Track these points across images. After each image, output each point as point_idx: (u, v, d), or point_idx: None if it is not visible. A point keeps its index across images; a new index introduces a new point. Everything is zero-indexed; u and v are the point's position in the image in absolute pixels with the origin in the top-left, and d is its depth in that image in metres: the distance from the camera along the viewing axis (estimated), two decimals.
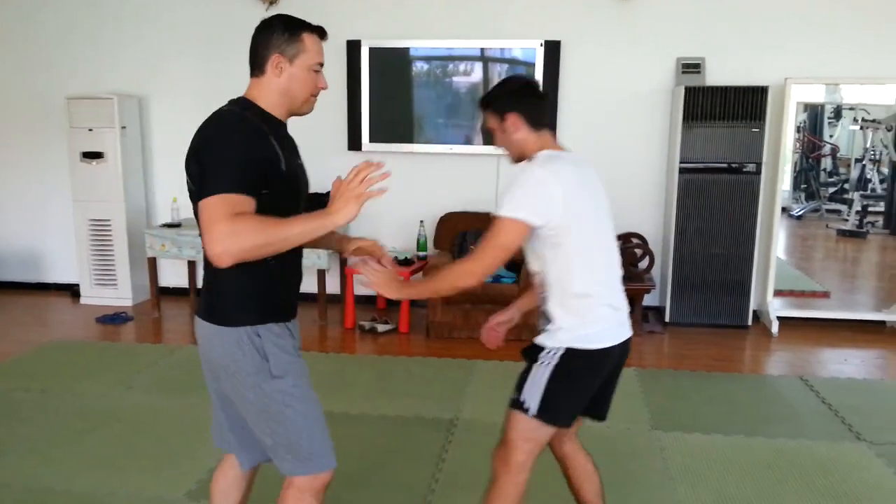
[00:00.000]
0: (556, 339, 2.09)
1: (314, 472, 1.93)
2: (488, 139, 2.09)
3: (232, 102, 1.94)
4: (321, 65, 1.94)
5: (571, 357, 2.07)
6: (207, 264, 1.83)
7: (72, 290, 6.19)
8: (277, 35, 1.89)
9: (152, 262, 5.59)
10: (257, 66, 1.94)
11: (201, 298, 1.98)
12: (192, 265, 6.09)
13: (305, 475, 1.93)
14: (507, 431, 2.15)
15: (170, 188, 6.01)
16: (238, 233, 1.66)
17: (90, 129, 5.72)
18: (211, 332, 1.91)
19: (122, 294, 5.93)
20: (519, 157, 2.19)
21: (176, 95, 5.97)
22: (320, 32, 1.95)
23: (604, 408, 2.31)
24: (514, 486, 2.13)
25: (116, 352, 4.82)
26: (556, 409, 2.10)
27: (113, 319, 5.51)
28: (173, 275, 6.19)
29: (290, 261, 1.94)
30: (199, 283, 6.11)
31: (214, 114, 1.89)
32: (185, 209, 5.85)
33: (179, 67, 5.93)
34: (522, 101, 2.16)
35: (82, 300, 6.01)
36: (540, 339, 2.14)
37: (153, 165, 6.14)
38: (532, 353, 2.15)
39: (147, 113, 6.05)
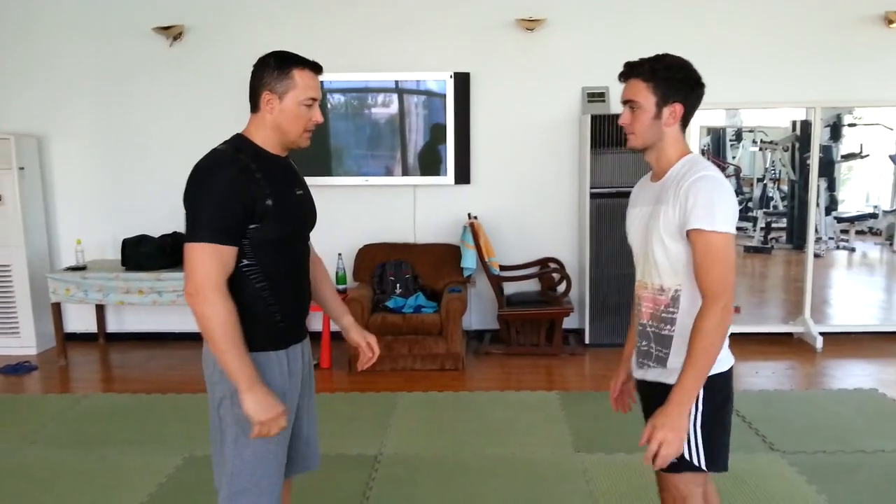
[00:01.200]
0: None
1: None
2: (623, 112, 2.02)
3: (228, 140, 1.95)
4: (314, 99, 1.94)
5: (713, 386, 1.85)
6: None
7: None
8: (269, 72, 1.91)
9: (56, 308, 5.33)
10: (253, 102, 1.95)
11: None
12: (99, 309, 5.86)
13: None
14: (679, 489, 1.92)
15: (73, 230, 5.77)
16: (211, 306, 1.77)
17: None
18: (205, 349, 1.95)
19: (25, 342, 5.63)
20: (645, 147, 1.94)
21: (77, 134, 5.75)
22: (313, 67, 1.94)
23: None
24: None
25: (20, 404, 4.55)
26: (722, 453, 1.91)
27: (16, 370, 5.21)
28: (80, 320, 5.92)
29: (286, 286, 1.96)
30: (108, 328, 5.92)
31: (206, 155, 1.90)
32: (91, 251, 5.64)
33: (80, 105, 5.72)
34: (692, 96, 1.91)
35: None
36: (670, 377, 1.85)
37: (55, 207, 5.88)
38: (657, 394, 1.88)
39: (47, 153, 5.80)
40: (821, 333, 5.45)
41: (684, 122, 1.92)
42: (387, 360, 4.99)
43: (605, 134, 5.24)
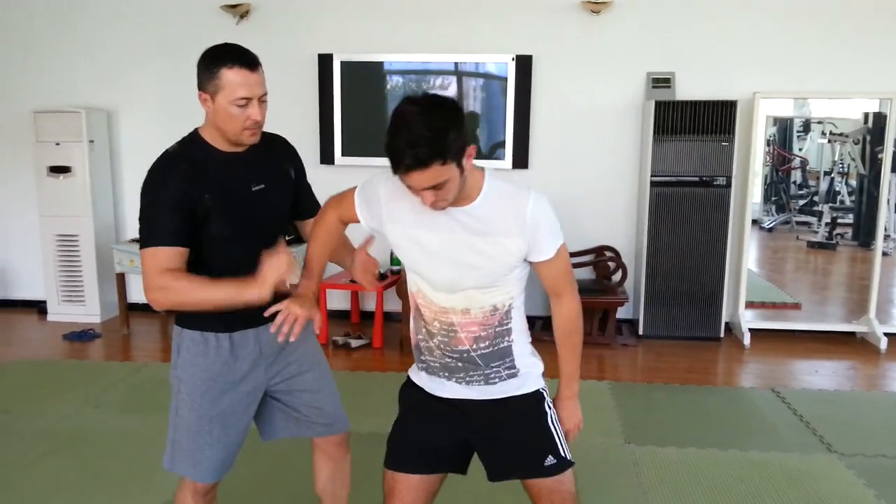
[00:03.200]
0: (534, 370, 1.93)
1: (170, 469, 2.11)
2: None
3: (181, 139, 2.00)
4: (247, 98, 1.85)
5: (549, 390, 1.97)
6: None
7: (38, 307, 6.07)
8: (200, 71, 1.89)
9: (121, 278, 5.49)
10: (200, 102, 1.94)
11: None
12: None
13: (170, 471, 2.12)
14: (568, 491, 1.91)
15: (139, 203, 5.92)
16: (165, 290, 1.86)
17: (57, 144, 5.63)
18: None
19: (90, 311, 5.83)
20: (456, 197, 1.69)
21: (144, 108, 5.91)
22: (244, 62, 1.85)
23: None
24: None
25: (83, 370, 4.72)
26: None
27: (80, 337, 5.40)
28: (142, 291, 6.08)
29: (240, 274, 1.89)
30: None
31: (157, 158, 1.95)
32: None
33: (148, 80, 5.87)
34: (464, 127, 1.64)
35: (49, 317, 5.90)
36: (519, 388, 1.88)
37: (122, 179, 6.05)
38: (516, 408, 1.88)
39: (115, 126, 5.97)
40: (885, 334, 5.27)
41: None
42: None
43: (669, 121, 5.13)
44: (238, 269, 1.89)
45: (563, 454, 1.90)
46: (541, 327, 5.49)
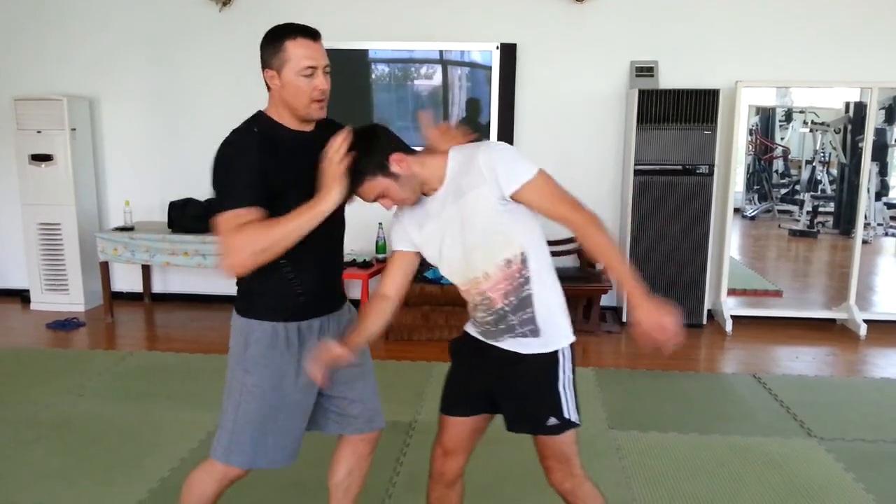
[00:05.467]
0: (559, 331, 1.98)
1: (226, 462, 2.04)
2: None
3: (248, 119, 2.01)
4: (313, 68, 1.91)
5: (569, 354, 1.99)
6: None
7: (21, 296, 6.03)
8: (265, 49, 1.93)
9: (104, 267, 5.47)
10: (265, 81, 1.97)
11: None
12: (145, 269, 6.00)
13: (218, 461, 2.05)
14: (562, 451, 2.01)
15: (122, 191, 5.90)
16: (234, 248, 1.81)
17: (39, 131, 5.58)
18: (233, 314, 2.07)
19: (73, 299, 5.80)
20: (415, 195, 1.94)
21: (127, 97, 5.86)
22: (308, 34, 1.92)
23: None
24: (593, 488, 2.05)
25: (67, 359, 4.70)
26: (580, 408, 2.03)
27: (64, 325, 5.38)
28: (126, 280, 6.07)
29: (308, 259, 1.98)
30: (154, 288, 6.06)
31: (227, 136, 1.95)
32: (138, 212, 5.75)
33: (130, 68, 5.81)
34: (386, 139, 1.93)
35: (32, 306, 5.86)
36: (540, 347, 1.95)
37: (105, 168, 6.01)
38: (529, 365, 1.97)
39: (98, 114, 5.92)
40: (865, 321, 5.34)
41: (406, 147, 1.92)
42: (423, 329, 5.04)
43: (653, 109, 5.16)
44: (305, 245, 1.90)
45: (566, 416, 1.96)
46: None
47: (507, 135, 5.53)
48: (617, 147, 5.63)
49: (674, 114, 5.15)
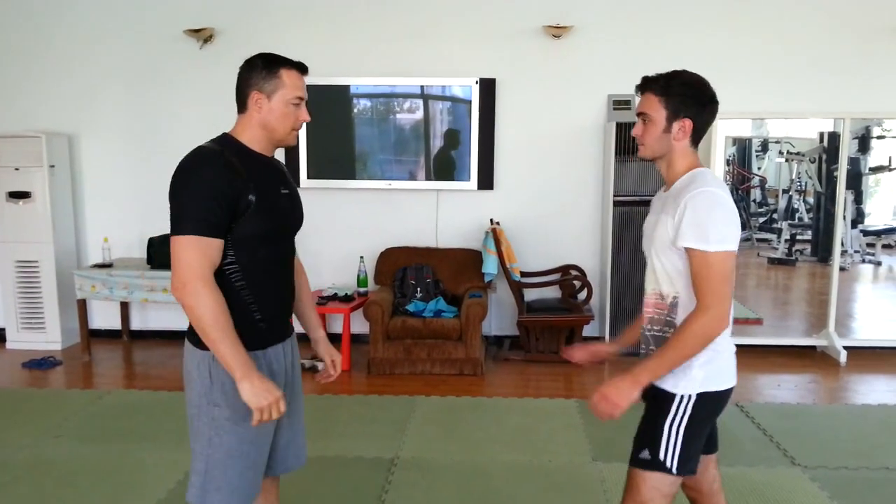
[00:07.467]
0: (690, 379, 1.93)
1: None
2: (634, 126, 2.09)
3: (213, 139, 2.00)
4: (301, 98, 1.99)
5: (706, 402, 1.95)
6: None
7: None
8: (257, 72, 1.96)
9: (82, 305, 5.40)
10: (240, 102, 2.00)
11: None
12: (124, 307, 5.93)
13: None
14: (641, 491, 1.98)
15: (101, 227, 5.86)
16: (198, 299, 1.81)
17: (17, 168, 5.54)
18: (186, 347, 2.01)
19: (50, 338, 5.72)
20: (654, 158, 2.02)
21: (107, 133, 5.84)
22: (300, 67, 2.00)
23: (714, 439, 2.23)
24: None
25: (43, 398, 4.62)
26: (693, 460, 1.99)
27: (40, 364, 5.29)
28: (104, 317, 6.00)
29: (267, 285, 1.99)
30: (132, 325, 5.99)
31: (190, 152, 1.95)
32: (118, 248, 5.71)
33: (110, 105, 5.81)
34: (704, 113, 1.98)
35: (8, 344, 5.77)
36: (668, 385, 1.95)
37: (83, 205, 5.97)
38: (655, 397, 1.99)
39: (77, 151, 5.90)
40: (845, 347, 5.38)
41: (696, 137, 1.99)
42: (406, 363, 5.00)
43: (630, 142, 5.22)
44: (264, 271, 1.95)
45: (659, 455, 1.96)
46: (509, 346, 5.52)
47: (487, 166, 5.57)
48: (596, 178, 5.68)
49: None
